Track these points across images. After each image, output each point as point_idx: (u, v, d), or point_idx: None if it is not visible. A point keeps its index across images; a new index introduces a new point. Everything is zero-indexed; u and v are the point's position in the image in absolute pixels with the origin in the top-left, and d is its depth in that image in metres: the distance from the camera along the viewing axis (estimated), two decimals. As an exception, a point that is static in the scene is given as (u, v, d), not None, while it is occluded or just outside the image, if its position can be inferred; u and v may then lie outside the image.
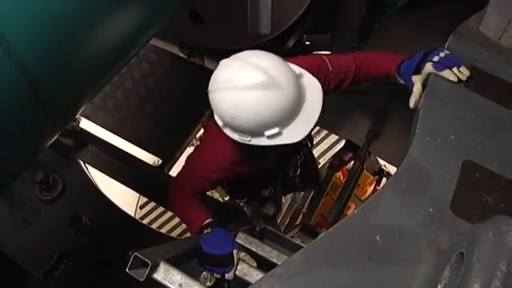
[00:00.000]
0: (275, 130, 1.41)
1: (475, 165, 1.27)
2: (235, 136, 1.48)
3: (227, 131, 1.49)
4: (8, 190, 1.53)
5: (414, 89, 1.52)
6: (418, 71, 1.55)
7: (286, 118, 1.41)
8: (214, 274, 1.61)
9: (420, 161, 1.26)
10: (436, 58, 1.53)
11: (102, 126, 2.78)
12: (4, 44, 0.96)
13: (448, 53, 1.55)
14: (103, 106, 2.80)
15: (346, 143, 3.65)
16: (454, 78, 1.48)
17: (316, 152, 5.27)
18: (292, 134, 1.44)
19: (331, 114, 1.68)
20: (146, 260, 1.33)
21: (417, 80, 1.54)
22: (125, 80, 2.91)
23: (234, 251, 1.64)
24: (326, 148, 5.61)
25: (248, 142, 1.47)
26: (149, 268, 1.33)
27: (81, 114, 2.74)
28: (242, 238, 1.81)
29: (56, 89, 1.15)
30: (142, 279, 1.33)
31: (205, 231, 1.67)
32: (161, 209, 5.16)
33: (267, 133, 1.41)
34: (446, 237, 1.11)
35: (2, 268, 1.85)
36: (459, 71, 1.50)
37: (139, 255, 1.33)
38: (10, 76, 1.01)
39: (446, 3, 2.27)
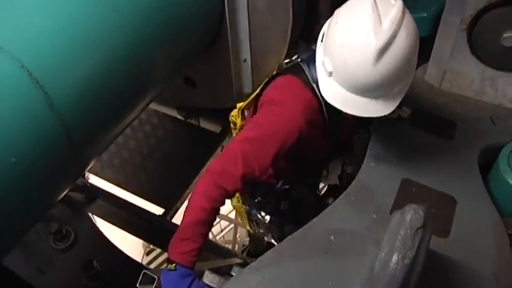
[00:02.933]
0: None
1: (412, 181, 1.65)
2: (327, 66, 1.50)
3: (325, 61, 1.51)
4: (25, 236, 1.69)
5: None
6: None
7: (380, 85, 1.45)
8: None
9: (366, 181, 1.64)
10: None
11: (110, 182, 3.16)
12: (49, 101, 1.37)
13: None
14: (110, 163, 3.20)
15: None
16: (394, 115, 1.83)
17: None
18: (372, 107, 1.51)
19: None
20: (154, 275, 1.66)
21: None
22: (129, 141, 3.33)
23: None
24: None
25: (328, 82, 1.52)
26: (155, 283, 1.66)
27: (90, 172, 3.14)
28: (209, 278, 1.67)
29: (86, 137, 1.56)
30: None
31: (169, 266, 1.58)
32: (166, 254, 5.38)
33: (324, 58, 1.51)
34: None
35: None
36: (402, 110, 1.87)
37: (148, 272, 1.66)
38: (51, 126, 1.41)
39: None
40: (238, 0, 2.18)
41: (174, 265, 1.55)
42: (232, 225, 5.58)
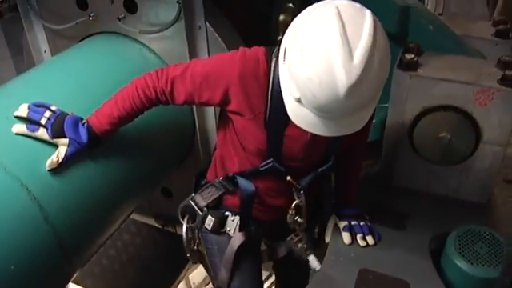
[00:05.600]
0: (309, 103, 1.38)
1: (369, 270, 1.87)
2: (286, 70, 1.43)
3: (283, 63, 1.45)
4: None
5: (328, 225, 2.11)
6: (339, 216, 2.07)
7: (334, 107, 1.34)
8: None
9: (328, 273, 1.87)
10: (353, 222, 2.02)
11: (90, 291, 3.29)
12: (45, 214, 1.61)
13: (363, 224, 2.04)
14: (91, 272, 3.34)
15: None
16: (347, 242, 1.99)
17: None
18: (317, 125, 1.44)
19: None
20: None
21: (332, 220, 2.11)
22: (109, 249, 3.50)
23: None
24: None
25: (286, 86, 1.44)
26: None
27: (72, 281, 3.25)
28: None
29: (76, 245, 1.79)
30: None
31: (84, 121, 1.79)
32: None
33: (289, 83, 1.42)
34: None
35: None
36: (362, 239, 1.99)
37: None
38: (46, 236, 1.63)
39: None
40: (207, 120, 2.50)
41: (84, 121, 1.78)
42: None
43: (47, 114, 1.76)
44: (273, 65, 1.62)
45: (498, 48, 2.77)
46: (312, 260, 1.99)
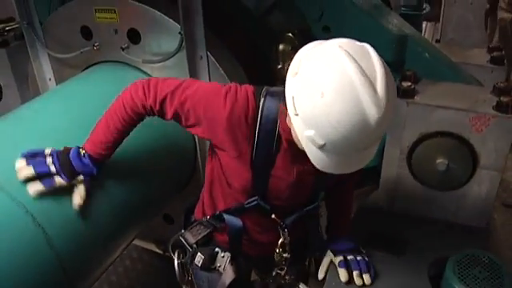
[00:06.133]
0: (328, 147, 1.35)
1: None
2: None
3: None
4: None
5: (324, 261, 2.03)
6: (334, 252, 2.00)
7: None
8: (56, 179, 1.74)
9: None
10: (349, 257, 1.96)
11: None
12: (48, 240, 1.64)
13: (360, 258, 1.97)
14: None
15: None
16: (344, 279, 1.91)
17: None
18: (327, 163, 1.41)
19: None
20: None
21: (327, 257, 2.03)
22: (111, 275, 3.53)
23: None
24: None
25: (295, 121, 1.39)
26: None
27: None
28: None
29: (78, 270, 1.81)
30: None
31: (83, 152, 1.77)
32: None
33: (307, 132, 1.36)
34: None
35: None
36: (358, 276, 1.91)
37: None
38: (50, 261, 1.66)
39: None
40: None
41: (83, 152, 1.77)
42: None
43: (49, 160, 1.75)
44: (261, 105, 1.63)
45: (494, 74, 2.84)
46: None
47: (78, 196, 1.79)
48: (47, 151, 1.78)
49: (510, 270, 1.90)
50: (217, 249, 2.03)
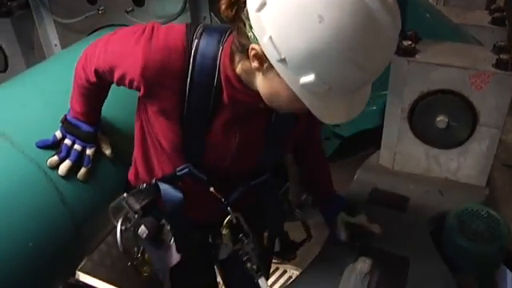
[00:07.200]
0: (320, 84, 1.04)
1: (370, 247, 1.95)
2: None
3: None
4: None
5: (338, 224, 1.91)
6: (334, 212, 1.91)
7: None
8: (75, 146, 1.71)
9: (329, 253, 1.93)
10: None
11: (102, 280, 3.37)
12: (60, 194, 1.70)
13: None
14: (102, 263, 3.43)
15: None
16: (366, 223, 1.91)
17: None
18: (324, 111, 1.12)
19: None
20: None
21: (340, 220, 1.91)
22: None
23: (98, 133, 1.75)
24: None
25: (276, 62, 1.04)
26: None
27: (82, 271, 3.35)
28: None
29: (89, 228, 1.89)
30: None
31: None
32: None
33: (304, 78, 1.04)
34: None
35: None
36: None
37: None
38: (63, 215, 1.72)
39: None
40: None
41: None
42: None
43: (68, 142, 1.72)
44: (193, 48, 1.29)
45: (495, 35, 2.87)
46: (262, 284, 1.57)
47: (109, 151, 1.81)
48: (58, 134, 1.74)
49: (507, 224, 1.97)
50: (163, 220, 1.71)
